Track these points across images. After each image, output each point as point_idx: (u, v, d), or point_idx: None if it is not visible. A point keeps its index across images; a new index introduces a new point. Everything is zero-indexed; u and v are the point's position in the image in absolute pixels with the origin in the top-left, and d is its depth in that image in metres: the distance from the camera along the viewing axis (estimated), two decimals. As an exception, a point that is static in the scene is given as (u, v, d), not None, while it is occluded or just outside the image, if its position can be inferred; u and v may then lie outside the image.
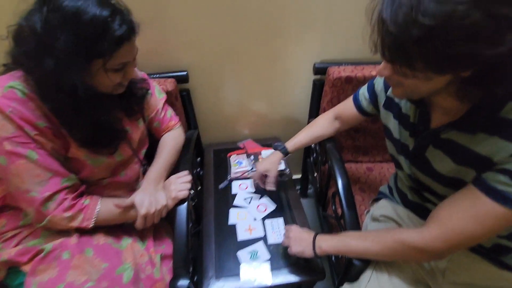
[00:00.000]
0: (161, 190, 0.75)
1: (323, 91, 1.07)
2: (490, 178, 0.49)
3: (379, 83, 0.75)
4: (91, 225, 0.64)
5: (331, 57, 1.06)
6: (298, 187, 1.53)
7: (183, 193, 0.75)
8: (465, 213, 0.51)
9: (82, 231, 0.66)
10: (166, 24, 0.92)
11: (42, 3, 0.52)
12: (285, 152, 0.92)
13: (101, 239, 0.67)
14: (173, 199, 0.74)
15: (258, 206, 0.94)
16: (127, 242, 0.70)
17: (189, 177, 0.80)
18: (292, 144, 0.92)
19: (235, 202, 0.96)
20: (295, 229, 0.76)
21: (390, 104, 0.71)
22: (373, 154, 1.17)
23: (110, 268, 0.62)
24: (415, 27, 0.39)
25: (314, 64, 1.05)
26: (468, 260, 0.64)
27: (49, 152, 0.60)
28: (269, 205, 0.94)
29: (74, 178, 0.64)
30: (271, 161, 0.92)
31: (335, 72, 0.98)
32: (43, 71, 0.54)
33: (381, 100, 0.74)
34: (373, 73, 0.97)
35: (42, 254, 0.60)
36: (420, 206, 0.73)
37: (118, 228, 0.72)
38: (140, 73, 0.83)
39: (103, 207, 0.66)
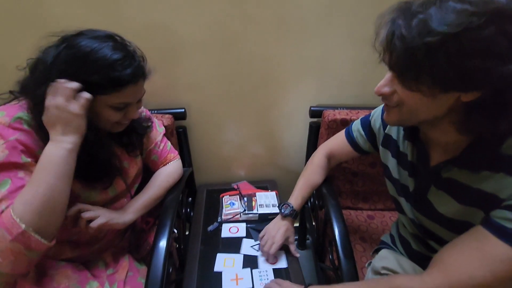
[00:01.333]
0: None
1: (319, 133, 1.07)
2: (498, 215, 0.44)
3: (376, 120, 0.73)
4: (23, 228, 0.49)
5: (326, 102, 1.08)
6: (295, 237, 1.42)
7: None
8: (472, 257, 0.45)
9: (41, 270, 0.58)
10: (167, 64, 0.97)
11: (62, 41, 0.57)
12: (296, 215, 0.83)
13: (62, 283, 0.59)
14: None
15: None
16: (92, 286, 0.62)
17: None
18: (298, 202, 0.84)
19: (243, 251, 0.87)
20: (282, 283, 0.68)
21: (388, 142, 0.69)
22: (374, 201, 1.11)
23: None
24: (429, 35, 0.38)
25: (310, 108, 1.07)
26: None
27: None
28: (280, 258, 0.83)
29: None
30: (282, 233, 0.81)
31: (330, 114, 0.99)
32: (40, 98, 0.55)
33: (380, 138, 0.72)
34: (368, 116, 0.97)
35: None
36: (425, 257, 0.65)
37: (85, 270, 0.65)
38: (145, 112, 0.84)
39: (22, 200, 0.51)
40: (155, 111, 1.01)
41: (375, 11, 0.93)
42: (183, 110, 1.04)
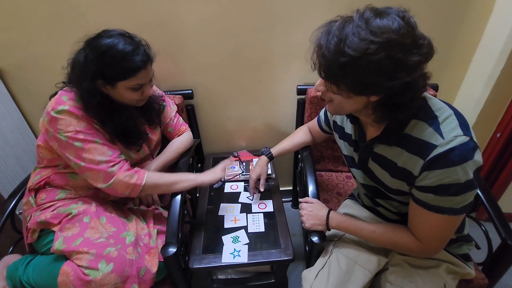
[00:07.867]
0: None
1: (305, 108, 1.26)
2: (421, 196, 0.61)
3: None
4: (143, 183, 0.82)
5: (310, 81, 1.26)
6: (290, 198, 1.67)
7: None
8: (432, 226, 0.63)
9: (100, 204, 0.85)
10: (176, 52, 1.18)
11: (86, 44, 0.77)
12: (271, 157, 1.09)
13: (113, 212, 0.86)
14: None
15: (259, 204, 1.10)
16: (132, 217, 0.89)
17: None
18: (276, 150, 1.09)
19: (241, 200, 1.12)
20: (306, 206, 0.86)
21: (335, 127, 0.86)
22: (352, 164, 1.31)
23: (117, 232, 0.80)
24: (342, 56, 0.51)
25: (297, 86, 1.26)
26: None
27: (107, 139, 0.82)
28: (268, 205, 1.10)
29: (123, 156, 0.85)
30: (260, 165, 1.07)
31: (312, 92, 1.18)
32: (85, 90, 0.77)
33: (331, 123, 0.91)
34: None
35: (69, 216, 0.80)
36: (373, 209, 0.85)
37: (126, 209, 0.92)
38: (158, 91, 1.06)
39: (150, 175, 0.85)
40: (168, 92, 1.23)
41: (347, 1, 1.09)
42: (191, 91, 1.25)
